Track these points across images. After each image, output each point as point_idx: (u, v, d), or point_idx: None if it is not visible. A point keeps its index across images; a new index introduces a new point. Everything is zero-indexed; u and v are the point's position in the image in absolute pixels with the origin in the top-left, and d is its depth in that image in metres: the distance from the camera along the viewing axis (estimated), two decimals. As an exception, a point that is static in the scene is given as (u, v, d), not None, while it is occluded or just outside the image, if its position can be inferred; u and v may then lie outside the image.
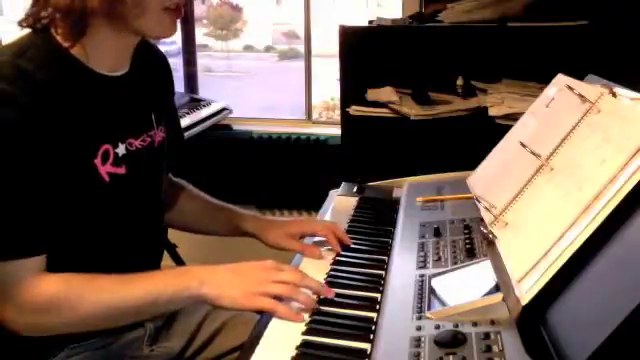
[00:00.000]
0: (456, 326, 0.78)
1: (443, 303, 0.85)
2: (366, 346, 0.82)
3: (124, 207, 1.03)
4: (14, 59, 0.90)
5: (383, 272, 1.03)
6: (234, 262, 0.96)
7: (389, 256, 1.09)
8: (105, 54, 0.97)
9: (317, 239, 1.17)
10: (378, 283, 0.99)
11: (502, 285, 0.83)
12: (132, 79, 1.04)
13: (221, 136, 2.64)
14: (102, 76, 0.98)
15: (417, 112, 1.76)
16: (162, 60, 1.19)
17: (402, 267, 1.01)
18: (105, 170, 0.97)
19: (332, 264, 1.08)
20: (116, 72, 1.01)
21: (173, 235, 2.31)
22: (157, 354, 1.11)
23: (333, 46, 1.99)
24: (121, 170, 1.00)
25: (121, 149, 1.00)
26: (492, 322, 0.78)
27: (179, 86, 2.20)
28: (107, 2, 0.90)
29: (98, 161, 0.96)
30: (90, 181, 0.96)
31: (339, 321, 0.88)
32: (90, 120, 0.95)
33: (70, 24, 0.91)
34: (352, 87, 1.93)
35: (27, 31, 0.95)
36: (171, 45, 2.94)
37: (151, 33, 1.00)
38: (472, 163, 1.25)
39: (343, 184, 1.49)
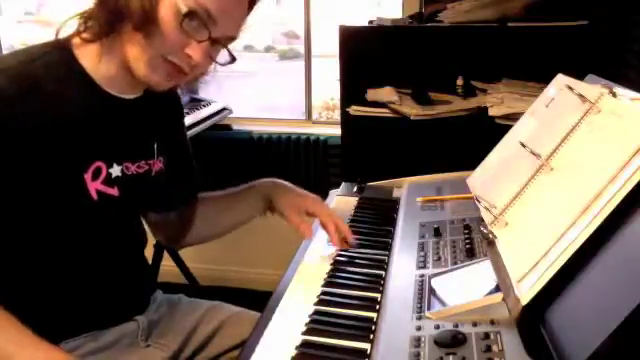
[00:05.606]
0: (456, 326, 0.78)
1: (443, 303, 0.85)
2: (366, 346, 0.82)
3: (110, 227, 1.04)
4: (24, 65, 0.91)
5: (383, 272, 1.03)
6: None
7: (389, 256, 1.09)
8: (117, 74, 0.97)
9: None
10: (378, 283, 0.99)
11: (502, 285, 0.83)
12: (141, 106, 1.04)
13: (221, 136, 2.64)
14: (110, 96, 0.98)
15: (417, 112, 1.76)
16: (173, 94, 1.18)
17: (402, 267, 1.01)
18: (94, 187, 0.97)
19: (332, 264, 1.08)
20: (127, 95, 1.01)
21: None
22: (154, 350, 1.11)
23: (333, 46, 1.98)
24: (113, 191, 1.00)
25: (116, 170, 1.00)
26: (492, 322, 0.78)
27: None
28: (141, 11, 0.88)
29: (88, 176, 0.96)
30: (76, 195, 0.96)
31: (339, 321, 0.88)
32: (87, 135, 0.96)
33: (103, 18, 0.91)
34: (352, 87, 1.93)
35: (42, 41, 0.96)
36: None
37: (137, 71, 0.93)
38: (472, 163, 1.25)
39: (343, 184, 1.49)
